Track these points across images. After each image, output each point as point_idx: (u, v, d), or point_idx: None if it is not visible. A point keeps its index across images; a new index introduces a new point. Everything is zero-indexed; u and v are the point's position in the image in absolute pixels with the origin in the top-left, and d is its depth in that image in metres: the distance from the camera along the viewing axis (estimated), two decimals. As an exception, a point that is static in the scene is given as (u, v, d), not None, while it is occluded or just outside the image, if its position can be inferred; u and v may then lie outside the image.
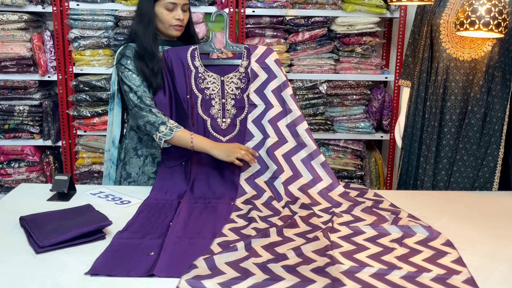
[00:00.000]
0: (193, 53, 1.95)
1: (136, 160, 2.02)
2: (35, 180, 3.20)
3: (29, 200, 1.75)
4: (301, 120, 1.92)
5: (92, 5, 2.97)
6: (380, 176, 3.38)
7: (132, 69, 1.89)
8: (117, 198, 1.81)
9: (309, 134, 1.92)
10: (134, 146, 2.02)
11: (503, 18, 1.73)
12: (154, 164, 2.01)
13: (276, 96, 1.94)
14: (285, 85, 1.95)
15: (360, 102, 3.23)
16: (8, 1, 2.88)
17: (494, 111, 2.02)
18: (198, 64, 1.94)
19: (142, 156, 2.01)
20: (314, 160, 1.90)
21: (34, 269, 1.26)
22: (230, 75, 1.96)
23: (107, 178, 2.08)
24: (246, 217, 1.63)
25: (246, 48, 1.98)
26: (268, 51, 1.98)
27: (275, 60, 1.97)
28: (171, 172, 1.89)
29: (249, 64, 1.96)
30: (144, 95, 1.87)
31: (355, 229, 1.55)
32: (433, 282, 1.24)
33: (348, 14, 3.03)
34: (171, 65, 1.92)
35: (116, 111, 2.04)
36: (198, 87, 1.94)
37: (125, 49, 1.93)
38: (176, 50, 1.95)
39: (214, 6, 3.01)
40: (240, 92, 1.96)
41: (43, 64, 3.02)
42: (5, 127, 3.10)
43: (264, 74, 1.95)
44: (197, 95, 1.94)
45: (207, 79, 1.94)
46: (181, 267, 1.26)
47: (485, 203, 1.86)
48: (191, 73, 1.94)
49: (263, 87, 1.94)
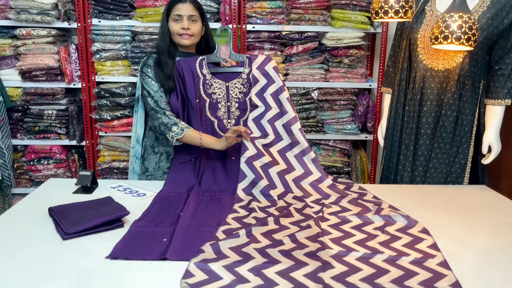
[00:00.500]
0: (201, 63, 1.95)
1: (153, 156, 2.03)
2: (62, 176, 3.20)
3: (56, 193, 1.75)
4: (295, 120, 1.92)
5: (112, 22, 2.96)
6: (365, 172, 3.37)
7: (151, 77, 1.93)
8: (134, 191, 1.81)
9: (302, 133, 1.91)
10: (151, 144, 2.03)
11: (472, 33, 1.72)
12: (168, 160, 2.01)
13: (274, 99, 1.93)
14: (282, 89, 1.94)
15: (347, 107, 3.22)
16: (38, 18, 2.88)
17: (465, 114, 2.01)
18: (206, 72, 1.94)
19: (158, 153, 2.03)
20: (305, 156, 1.90)
21: (61, 253, 1.27)
22: (234, 81, 1.96)
23: (132, 172, 2.09)
24: (247, 207, 1.63)
25: (248, 57, 1.98)
26: (267, 59, 1.98)
27: (273, 67, 1.96)
28: (182, 168, 1.89)
29: (251, 71, 1.96)
30: (160, 99, 1.89)
31: (343, 218, 1.55)
32: (411, 264, 1.24)
33: (337, 29, 3.02)
34: (182, 73, 1.92)
35: (139, 112, 2.05)
36: (206, 92, 1.93)
37: (147, 59, 1.98)
38: (187, 60, 1.95)
39: (219, 23, 3.01)
40: (243, 96, 1.96)
41: (69, 73, 3.01)
42: (36, 129, 3.10)
43: (264, 80, 1.95)
44: (205, 99, 1.93)
45: (213, 85, 1.94)
46: (190, 252, 1.26)
47: (457, 195, 1.86)
48: (199, 80, 1.94)
49: (263, 91, 1.94)
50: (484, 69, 2.01)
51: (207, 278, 1.14)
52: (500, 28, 1.91)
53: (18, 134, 3.10)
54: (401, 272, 1.20)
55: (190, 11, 1.95)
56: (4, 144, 2.97)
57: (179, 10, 1.94)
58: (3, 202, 3.02)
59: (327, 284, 1.12)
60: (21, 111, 3.08)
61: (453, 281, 1.15)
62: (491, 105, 2.01)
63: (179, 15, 1.94)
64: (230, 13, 2.98)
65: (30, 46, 2.93)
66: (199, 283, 1.11)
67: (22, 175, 3.20)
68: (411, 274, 1.19)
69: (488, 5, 1.92)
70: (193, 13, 1.96)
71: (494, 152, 1.99)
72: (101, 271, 1.18)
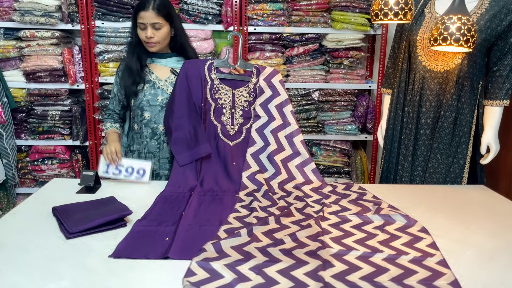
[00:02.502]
0: (210, 67, 1.95)
1: (130, 154, 2.12)
2: (66, 176, 3.20)
3: (60, 193, 1.76)
4: (297, 132, 1.94)
5: (115, 24, 2.97)
6: (365, 172, 3.37)
7: (114, 83, 2.10)
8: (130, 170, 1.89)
9: (303, 145, 1.94)
10: (129, 143, 2.13)
11: (471, 35, 1.72)
12: (140, 158, 2.07)
13: (278, 111, 1.95)
14: (286, 102, 1.96)
15: (347, 108, 3.22)
16: (42, 20, 2.88)
17: (463, 115, 2.01)
18: (214, 77, 1.95)
19: (135, 151, 2.09)
20: (306, 167, 1.92)
21: (64, 252, 1.27)
22: (241, 89, 1.96)
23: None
24: (248, 207, 1.64)
25: (256, 68, 1.99)
26: (274, 72, 1.99)
27: (279, 81, 1.98)
28: (183, 170, 1.89)
29: (258, 82, 1.97)
30: (109, 106, 2.12)
31: (343, 217, 1.55)
32: (410, 263, 1.24)
33: (337, 31, 3.03)
34: (188, 75, 1.92)
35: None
36: (212, 96, 1.94)
37: (120, 64, 2.10)
38: (196, 62, 1.96)
39: (220, 25, 3.01)
40: (248, 104, 1.96)
41: (73, 74, 3.02)
42: (40, 129, 3.11)
43: (269, 91, 1.96)
44: (211, 104, 1.94)
45: (220, 90, 1.94)
46: (192, 251, 1.26)
47: (456, 195, 1.86)
48: (207, 84, 1.94)
49: (268, 102, 1.95)
50: (482, 71, 2.02)
51: (209, 276, 1.14)
52: (498, 29, 1.92)
53: (22, 134, 3.11)
54: (401, 270, 1.20)
55: (153, 19, 1.92)
56: (8, 144, 2.98)
57: (142, 18, 1.92)
58: (8, 202, 3.02)
59: (327, 282, 1.13)
60: (25, 111, 3.09)
61: (452, 280, 1.15)
62: (489, 106, 2.01)
63: (143, 24, 1.93)
64: (232, 15, 2.99)
65: (34, 48, 2.94)
66: (201, 282, 1.12)
67: (26, 175, 3.20)
68: (410, 272, 1.19)
69: (486, 7, 1.92)
70: (156, 20, 1.92)
71: (492, 152, 1.99)
72: (104, 270, 1.18)
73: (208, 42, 3.01)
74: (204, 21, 2.97)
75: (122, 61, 2.09)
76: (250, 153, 1.90)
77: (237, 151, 1.91)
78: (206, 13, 2.97)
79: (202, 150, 1.89)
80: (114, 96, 2.10)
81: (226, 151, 1.91)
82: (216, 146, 1.92)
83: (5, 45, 2.95)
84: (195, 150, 1.89)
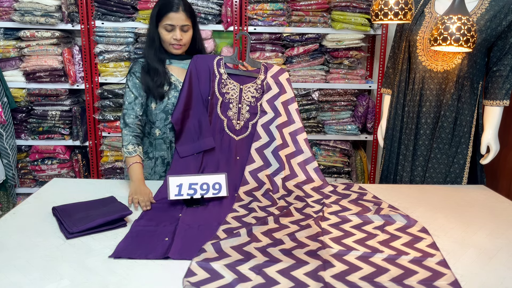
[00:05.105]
0: (219, 62, 1.96)
1: (148, 162, 2.00)
2: (66, 175, 3.20)
3: (60, 192, 1.76)
4: (301, 131, 1.94)
5: (115, 24, 2.97)
6: (365, 172, 3.37)
7: (130, 86, 1.91)
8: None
9: (306, 143, 1.94)
10: (145, 150, 2.00)
11: (471, 35, 1.72)
12: (164, 164, 2.00)
13: (284, 108, 1.95)
14: (292, 100, 1.96)
15: (347, 108, 3.22)
16: (42, 20, 2.88)
17: (463, 115, 2.01)
18: (223, 72, 1.95)
19: (153, 158, 2.00)
20: (309, 165, 1.92)
21: (64, 252, 1.27)
22: (248, 85, 1.96)
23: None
24: (247, 207, 1.64)
25: (264, 65, 1.99)
26: (282, 70, 2.00)
27: (287, 79, 1.99)
28: (185, 161, 1.87)
29: (265, 78, 1.97)
30: (129, 113, 1.88)
31: (343, 217, 1.55)
32: (410, 263, 1.24)
33: (337, 31, 3.02)
34: (197, 68, 1.92)
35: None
36: (220, 90, 1.94)
37: (133, 65, 1.94)
38: (205, 57, 1.96)
39: (220, 25, 3.01)
40: (254, 100, 1.96)
41: (73, 74, 3.02)
42: (40, 129, 3.11)
43: (276, 88, 1.96)
44: (218, 98, 1.94)
45: (228, 85, 1.94)
46: (192, 251, 1.26)
47: (456, 195, 1.86)
48: (215, 78, 1.94)
49: (274, 98, 1.95)
50: (482, 71, 2.01)
51: (209, 276, 1.14)
52: (498, 30, 1.91)
53: (22, 134, 3.11)
54: (401, 271, 1.20)
55: (183, 21, 1.86)
56: (8, 145, 2.98)
57: (172, 19, 1.84)
58: (8, 202, 3.02)
59: (327, 282, 1.13)
60: (25, 111, 3.09)
61: (452, 280, 1.15)
62: (489, 106, 2.01)
63: (172, 25, 1.85)
64: (232, 15, 2.98)
65: (34, 48, 2.94)
66: (201, 282, 1.12)
67: (26, 175, 3.20)
68: (410, 273, 1.19)
69: (486, 7, 1.92)
70: (186, 22, 1.87)
71: (492, 152, 1.99)
72: (104, 270, 1.18)
73: (208, 42, 3.01)
74: (204, 21, 2.97)
75: (136, 63, 1.95)
76: (255, 147, 1.90)
77: (242, 146, 1.91)
78: (206, 13, 2.97)
79: (205, 143, 1.88)
80: (133, 100, 1.88)
81: (231, 146, 1.92)
82: (221, 140, 1.92)
83: (5, 45, 2.95)
84: (198, 143, 1.88)
